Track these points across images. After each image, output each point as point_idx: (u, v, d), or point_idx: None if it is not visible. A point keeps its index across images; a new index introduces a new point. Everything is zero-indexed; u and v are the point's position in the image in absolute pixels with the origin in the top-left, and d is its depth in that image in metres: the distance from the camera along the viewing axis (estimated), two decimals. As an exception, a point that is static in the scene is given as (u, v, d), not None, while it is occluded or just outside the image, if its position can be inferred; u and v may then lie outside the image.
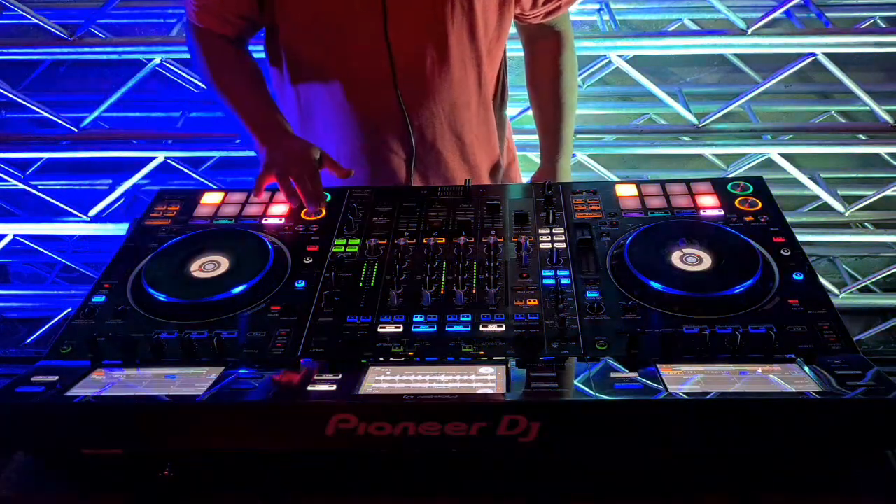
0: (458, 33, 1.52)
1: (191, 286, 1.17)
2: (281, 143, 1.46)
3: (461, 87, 1.58)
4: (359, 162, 1.63)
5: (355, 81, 1.55)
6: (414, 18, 1.49)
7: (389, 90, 1.54)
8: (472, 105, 1.63)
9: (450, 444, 0.92)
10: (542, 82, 1.75)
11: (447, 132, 1.62)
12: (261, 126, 1.50)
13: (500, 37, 1.61)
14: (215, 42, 1.55)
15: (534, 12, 1.64)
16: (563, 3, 1.65)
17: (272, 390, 0.96)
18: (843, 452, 0.98)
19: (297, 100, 1.62)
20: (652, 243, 1.20)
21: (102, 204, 2.96)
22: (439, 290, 1.15)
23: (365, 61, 1.52)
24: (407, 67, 1.52)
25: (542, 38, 1.72)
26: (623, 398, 0.92)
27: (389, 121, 1.58)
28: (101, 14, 2.76)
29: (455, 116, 1.61)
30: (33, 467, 1.03)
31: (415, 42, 1.51)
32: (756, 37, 2.56)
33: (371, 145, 1.61)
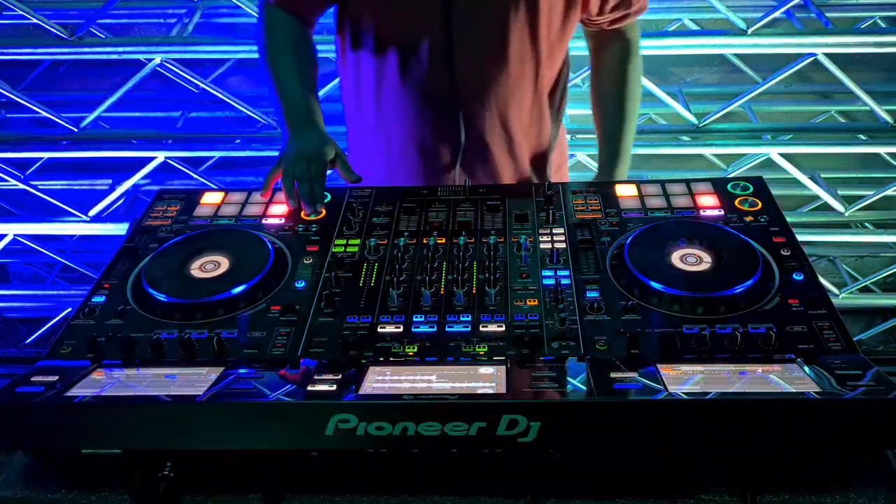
0: (520, 30, 1.52)
1: (191, 286, 1.17)
2: (300, 139, 1.48)
3: (516, 84, 1.58)
4: (406, 145, 1.64)
5: (413, 63, 1.56)
6: (478, 9, 1.50)
7: (444, 76, 1.55)
8: (526, 102, 1.63)
9: (450, 444, 0.92)
10: (606, 89, 1.74)
11: (497, 126, 1.62)
12: (292, 116, 1.53)
13: (562, 39, 1.61)
14: (282, 22, 1.58)
15: (601, 18, 1.63)
16: (631, 11, 1.64)
17: (272, 390, 0.96)
18: (843, 452, 0.98)
19: (356, 75, 1.64)
20: (652, 243, 1.20)
21: (102, 204, 2.96)
22: (439, 290, 1.15)
23: (424, 44, 1.53)
24: (464, 56, 1.53)
25: (609, 44, 1.71)
26: (623, 398, 0.92)
27: (441, 106, 1.59)
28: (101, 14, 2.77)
29: (507, 111, 1.61)
30: (33, 467, 1.03)
31: (475, 32, 1.52)
32: (756, 37, 2.56)
33: (421, 129, 1.62)
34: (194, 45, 2.74)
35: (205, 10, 3.08)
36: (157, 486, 0.96)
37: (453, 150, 1.63)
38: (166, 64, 2.76)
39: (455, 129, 1.60)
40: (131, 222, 1.37)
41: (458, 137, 1.61)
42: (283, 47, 1.58)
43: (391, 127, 1.64)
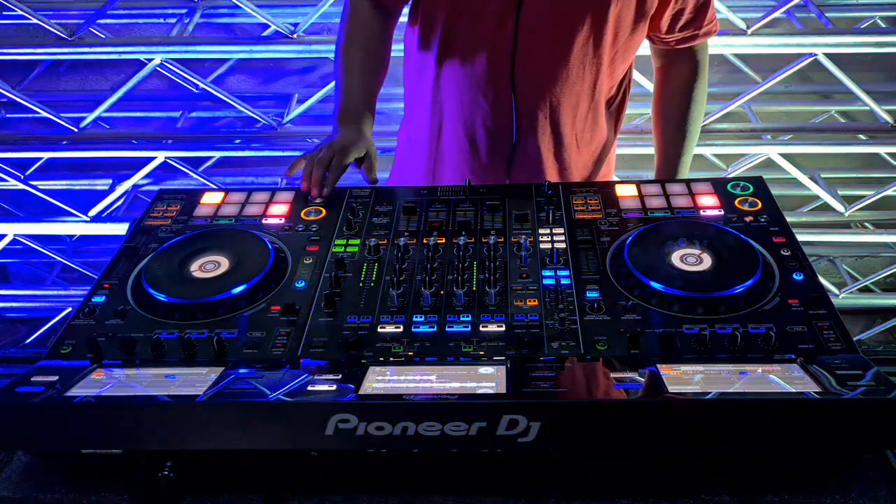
0: (585, 36, 1.52)
1: (191, 286, 1.17)
2: (338, 130, 1.52)
3: (573, 89, 1.59)
4: (458, 134, 1.65)
5: (475, 55, 1.56)
6: (547, 9, 1.50)
7: (504, 71, 1.55)
8: (581, 109, 1.62)
9: (450, 444, 0.92)
10: (670, 109, 1.74)
11: (548, 128, 1.62)
12: (341, 112, 1.56)
13: (627, 51, 1.61)
14: (363, 11, 1.60)
15: (670, 36, 1.63)
16: (701, 32, 1.63)
17: (272, 390, 0.96)
18: (843, 452, 0.98)
19: (420, 61, 1.65)
20: (652, 243, 1.20)
21: (102, 204, 2.96)
22: (439, 290, 1.15)
23: (489, 45, 1.54)
24: (527, 52, 1.53)
25: (677, 63, 1.70)
26: (623, 398, 0.92)
27: (498, 104, 1.59)
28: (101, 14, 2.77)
29: (559, 115, 1.61)
30: (33, 467, 1.03)
31: (541, 32, 1.52)
32: (756, 37, 2.56)
33: (475, 123, 1.63)
34: (194, 45, 2.74)
35: (205, 10, 3.07)
36: (157, 486, 0.96)
37: (504, 148, 1.63)
38: (166, 64, 2.76)
39: (508, 124, 1.60)
40: (131, 222, 1.37)
41: (510, 136, 1.61)
42: (356, 42, 1.60)
43: (445, 116, 1.65)
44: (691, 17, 1.60)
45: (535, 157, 1.64)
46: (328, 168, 1.42)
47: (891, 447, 0.99)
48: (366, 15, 1.60)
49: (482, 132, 1.63)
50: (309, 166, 1.43)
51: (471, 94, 1.60)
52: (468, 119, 1.63)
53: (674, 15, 1.58)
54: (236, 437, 0.94)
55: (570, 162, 1.68)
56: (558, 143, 1.64)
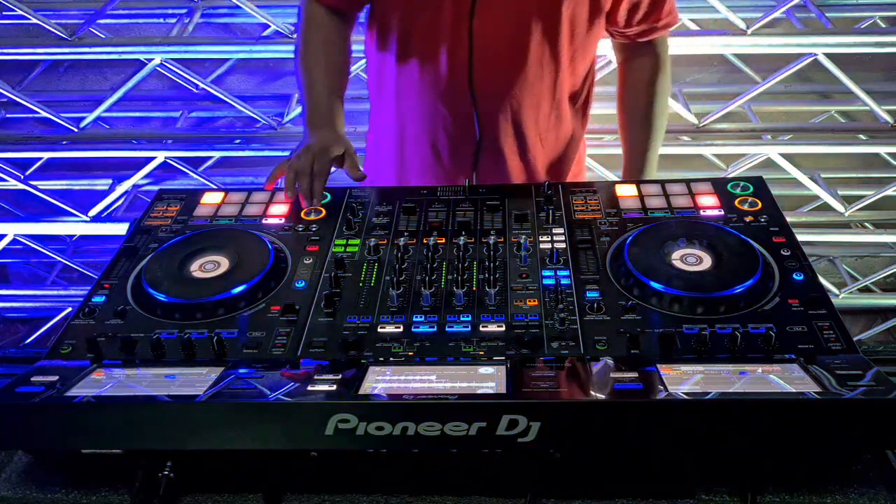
0: (540, 36, 1.53)
1: (191, 286, 1.17)
2: (312, 134, 1.50)
3: (533, 88, 1.59)
4: (421, 143, 1.65)
5: (432, 66, 1.57)
6: (499, 14, 1.51)
7: (463, 79, 1.55)
8: (543, 107, 1.62)
9: (450, 444, 0.92)
10: (633, 104, 1.74)
11: (510, 128, 1.62)
12: (311, 114, 1.55)
13: (586, 48, 1.61)
14: (320, 16, 1.59)
15: (629, 30, 1.63)
16: (659, 25, 1.64)
17: (272, 390, 0.96)
18: (843, 452, 0.98)
19: (380, 71, 1.65)
20: (652, 243, 1.20)
21: (102, 204, 2.96)
22: (439, 290, 1.15)
23: (444, 48, 1.54)
24: (484, 60, 1.54)
25: (638, 57, 1.71)
26: (623, 398, 0.92)
27: (458, 108, 1.59)
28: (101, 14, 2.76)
29: (521, 115, 1.61)
30: (33, 467, 1.03)
31: (496, 34, 1.52)
32: (756, 37, 2.56)
33: (436, 128, 1.63)
34: (194, 45, 2.74)
35: (205, 10, 3.07)
36: (157, 486, 0.96)
37: (468, 151, 1.63)
38: (166, 64, 2.76)
39: (470, 129, 1.60)
40: (131, 222, 1.37)
41: (473, 139, 1.61)
42: (316, 45, 1.60)
43: (407, 123, 1.65)
44: (648, 10, 1.60)
45: (500, 158, 1.64)
46: (312, 176, 1.40)
47: (891, 447, 0.99)
48: (323, 19, 1.59)
49: (444, 138, 1.63)
50: (291, 177, 1.40)
51: (431, 101, 1.60)
52: (430, 125, 1.63)
53: (630, 9, 1.58)
54: (236, 437, 0.94)
55: (536, 162, 1.68)
56: (522, 143, 1.64)
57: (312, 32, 1.60)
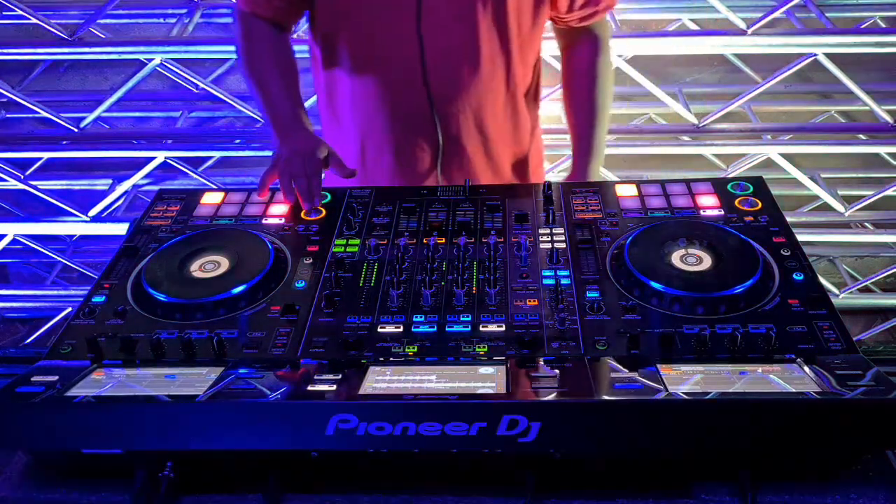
0: (489, 29, 1.53)
1: (191, 286, 1.17)
2: (291, 139, 1.49)
3: (489, 84, 1.59)
4: (382, 152, 1.65)
5: (385, 72, 1.57)
6: (446, 13, 1.51)
7: (418, 82, 1.56)
8: (500, 102, 1.63)
9: (450, 444, 0.92)
10: (577, 85, 1.74)
11: (472, 127, 1.63)
12: (280, 121, 1.54)
13: (532, 37, 1.62)
14: (259, 27, 1.59)
15: (570, 15, 1.64)
16: (600, 8, 1.65)
17: (272, 390, 0.96)
18: (843, 452, 0.98)
19: (330, 84, 1.65)
20: (652, 243, 1.20)
21: (102, 204, 2.96)
22: (439, 290, 1.15)
23: (396, 53, 1.54)
24: (437, 60, 1.54)
25: (579, 41, 1.71)
26: (623, 398, 0.92)
27: (416, 111, 1.60)
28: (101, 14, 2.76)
29: (481, 112, 1.62)
30: (33, 467, 1.03)
31: (446, 36, 1.53)
32: (756, 37, 2.56)
33: (397, 135, 1.63)
34: (194, 45, 2.74)
35: (205, 10, 3.08)
36: (157, 486, 0.96)
37: (431, 154, 1.63)
38: (166, 64, 2.76)
39: (432, 133, 1.61)
40: (131, 222, 1.37)
41: (435, 141, 1.62)
42: (263, 54, 1.59)
43: (367, 134, 1.65)
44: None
45: (463, 156, 1.65)
46: (308, 177, 1.39)
47: (891, 447, 0.99)
48: (263, 30, 1.59)
49: (406, 143, 1.63)
50: (287, 180, 1.39)
51: (388, 108, 1.60)
52: (390, 132, 1.62)
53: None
54: (236, 437, 0.94)
55: (499, 156, 1.68)
56: (483, 139, 1.65)
57: (256, 42, 1.59)
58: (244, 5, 1.58)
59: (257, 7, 1.57)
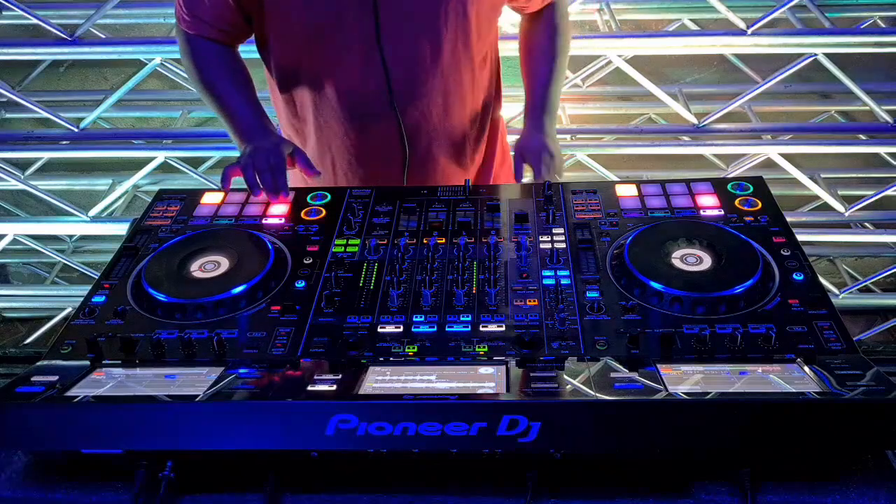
0: (452, 37, 1.53)
1: (191, 286, 1.17)
2: (254, 140, 1.51)
3: (454, 90, 1.59)
4: (352, 166, 1.65)
5: (348, 88, 1.56)
6: (407, 26, 1.50)
7: (383, 95, 1.55)
8: (466, 107, 1.64)
9: (450, 444, 0.92)
10: (536, 40, 1.74)
11: (440, 135, 1.63)
12: (243, 127, 1.56)
13: (490, 38, 1.62)
14: (205, 47, 1.58)
15: (530, 4, 1.67)
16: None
17: (272, 390, 0.96)
18: (843, 452, 0.98)
19: (291, 104, 1.64)
20: (652, 243, 1.20)
21: (102, 204, 2.96)
22: (439, 290, 1.15)
23: (358, 68, 1.53)
24: (400, 72, 1.53)
25: (539, 18, 1.73)
26: (623, 398, 0.92)
27: (383, 128, 1.59)
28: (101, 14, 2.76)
29: (448, 119, 1.62)
30: (33, 467, 1.03)
31: (408, 47, 1.52)
32: (756, 37, 2.56)
33: (364, 151, 1.63)
34: (194, 45, 2.73)
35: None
36: (157, 486, 0.96)
37: (399, 164, 1.63)
38: (166, 64, 2.76)
39: (399, 142, 1.61)
40: (131, 222, 1.37)
41: (402, 150, 1.61)
42: (215, 68, 1.59)
43: (334, 150, 1.64)
44: None
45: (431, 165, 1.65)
46: (273, 171, 1.40)
47: (891, 447, 0.99)
48: (210, 47, 1.58)
49: (377, 159, 1.63)
50: (251, 175, 1.40)
51: (356, 130, 1.59)
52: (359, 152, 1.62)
53: None
54: (236, 437, 0.94)
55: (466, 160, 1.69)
56: (454, 146, 1.65)
57: (204, 57, 1.58)
58: (189, 28, 1.56)
59: (202, 30, 1.56)
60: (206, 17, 1.53)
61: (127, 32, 3.21)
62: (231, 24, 1.54)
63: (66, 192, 3.35)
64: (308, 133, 1.65)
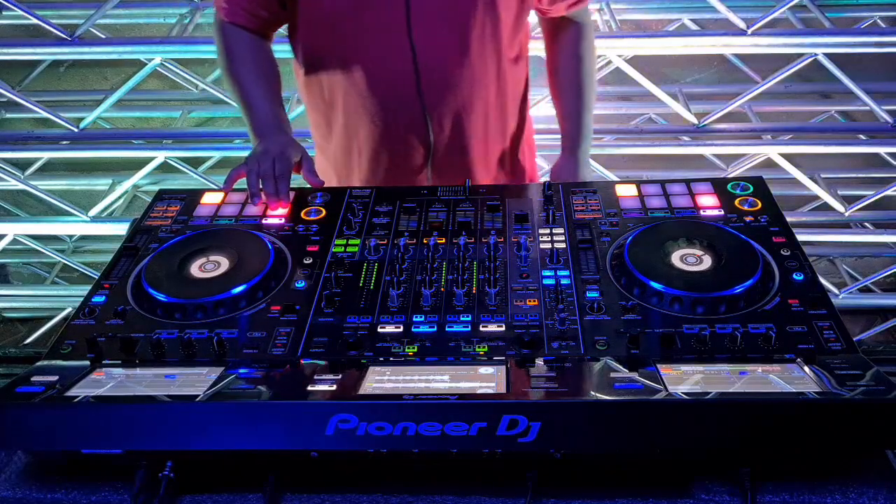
0: (480, 28, 1.54)
1: (191, 286, 1.17)
2: (266, 140, 1.51)
3: (480, 83, 1.60)
4: (376, 152, 1.65)
5: (376, 75, 1.57)
6: (437, 13, 1.51)
7: (410, 84, 1.56)
8: (491, 100, 1.64)
9: (450, 444, 0.92)
10: (563, 68, 1.75)
11: (464, 126, 1.63)
12: (259, 123, 1.56)
13: (519, 30, 1.63)
14: (239, 35, 1.60)
15: (554, 7, 1.66)
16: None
17: (272, 390, 0.96)
18: (843, 452, 0.98)
19: (319, 89, 1.65)
20: (652, 243, 1.20)
21: (102, 204, 2.96)
22: (439, 290, 1.15)
23: (386, 56, 1.54)
24: (428, 61, 1.54)
25: (563, 28, 1.73)
26: (623, 398, 0.92)
27: (408, 113, 1.60)
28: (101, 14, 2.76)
29: (473, 111, 1.62)
30: (33, 467, 1.03)
31: (437, 36, 1.53)
32: (756, 37, 2.56)
33: (389, 137, 1.63)
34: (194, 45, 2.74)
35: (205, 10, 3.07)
36: (157, 486, 0.96)
37: (423, 152, 1.64)
38: (166, 64, 2.76)
39: (423, 132, 1.61)
40: (131, 222, 1.37)
41: (427, 140, 1.62)
42: (244, 58, 1.61)
43: (360, 136, 1.65)
44: None
45: (454, 156, 1.65)
46: (276, 178, 1.40)
47: (891, 447, 0.99)
48: (242, 36, 1.60)
49: (400, 145, 1.63)
50: (254, 181, 1.40)
51: (382, 116, 1.60)
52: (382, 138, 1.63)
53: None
54: (236, 437, 0.94)
55: (489, 156, 1.69)
56: (478, 140, 1.65)
57: (236, 46, 1.61)
58: (226, 16, 1.59)
59: (238, 18, 1.59)
60: (243, 3, 1.57)
61: (127, 32, 3.21)
62: (267, 8, 1.57)
63: (66, 192, 3.35)
64: (335, 119, 1.66)
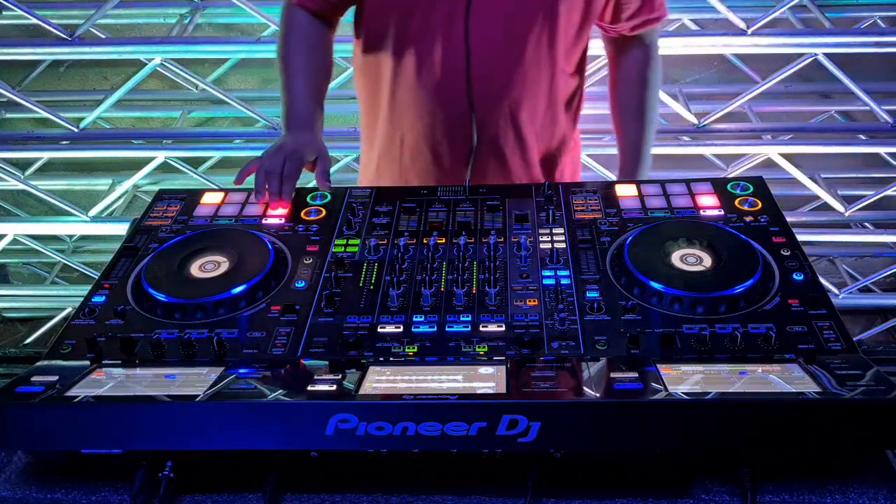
0: (538, 34, 1.53)
1: (191, 286, 1.17)
2: (290, 135, 1.52)
3: (531, 88, 1.59)
4: (419, 144, 1.65)
5: (429, 65, 1.56)
6: (497, 12, 1.51)
7: (460, 79, 1.55)
8: (540, 107, 1.62)
9: (450, 444, 0.92)
10: (626, 96, 1.74)
11: (510, 129, 1.62)
12: (290, 116, 1.58)
13: (577, 44, 1.61)
14: (303, 22, 1.61)
15: (619, 25, 1.64)
16: (651, 17, 1.64)
17: (272, 390, 0.96)
18: (843, 452, 0.98)
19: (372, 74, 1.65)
20: (652, 243, 1.20)
21: (102, 204, 2.96)
22: (439, 290, 1.15)
23: (441, 47, 1.54)
24: (481, 59, 1.53)
25: (628, 50, 1.71)
26: (623, 398, 0.92)
27: (455, 112, 1.59)
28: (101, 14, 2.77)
29: (520, 116, 1.61)
30: (33, 467, 1.03)
31: (493, 35, 1.52)
32: (756, 37, 2.56)
33: (433, 129, 1.62)
34: (194, 45, 2.74)
35: (205, 10, 3.08)
36: (157, 486, 0.96)
37: (465, 151, 1.62)
38: (166, 64, 2.76)
39: (467, 130, 1.60)
40: (131, 222, 1.37)
41: (470, 139, 1.60)
42: (298, 48, 1.61)
43: (405, 125, 1.65)
44: (638, 7, 1.61)
45: (497, 159, 1.64)
46: (283, 178, 1.40)
47: (891, 447, 0.99)
48: (305, 23, 1.61)
49: (443, 141, 1.62)
50: (261, 178, 1.40)
51: (428, 106, 1.60)
52: (427, 130, 1.62)
53: (615, 7, 1.60)
54: (236, 437, 0.94)
55: (533, 160, 1.67)
56: (520, 143, 1.64)
57: (294, 35, 1.61)
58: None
59: (306, 2, 1.59)
60: None
61: (127, 32, 3.21)
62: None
63: (66, 192, 3.35)
64: (382, 105, 1.66)
